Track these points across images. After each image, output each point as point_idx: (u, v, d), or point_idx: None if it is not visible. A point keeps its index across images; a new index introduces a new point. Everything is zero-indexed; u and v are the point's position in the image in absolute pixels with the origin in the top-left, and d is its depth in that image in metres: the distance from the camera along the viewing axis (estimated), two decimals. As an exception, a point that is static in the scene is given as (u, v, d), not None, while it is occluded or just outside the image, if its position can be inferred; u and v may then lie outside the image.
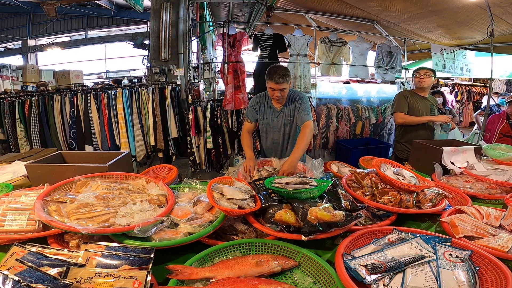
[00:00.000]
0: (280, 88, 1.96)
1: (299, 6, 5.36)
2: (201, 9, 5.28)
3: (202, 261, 0.98)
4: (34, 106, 3.72)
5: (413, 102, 2.64)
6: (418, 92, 2.69)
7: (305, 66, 4.45)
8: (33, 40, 10.19)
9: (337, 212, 1.05)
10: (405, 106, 2.63)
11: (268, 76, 1.98)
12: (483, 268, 0.90)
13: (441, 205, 1.35)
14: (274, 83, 1.95)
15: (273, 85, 1.96)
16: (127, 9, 9.48)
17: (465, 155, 2.04)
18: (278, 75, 1.93)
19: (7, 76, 7.25)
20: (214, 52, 7.48)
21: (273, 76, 1.94)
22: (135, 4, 4.18)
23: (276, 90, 1.98)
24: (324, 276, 0.93)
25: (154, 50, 4.21)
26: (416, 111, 2.63)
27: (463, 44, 5.52)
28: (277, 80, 1.94)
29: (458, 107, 9.63)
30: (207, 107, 3.94)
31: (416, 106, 2.63)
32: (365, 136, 4.70)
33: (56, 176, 1.45)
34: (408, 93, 2.73)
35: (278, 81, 1.94)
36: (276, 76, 1.93)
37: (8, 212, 1.12)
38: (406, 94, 2.71)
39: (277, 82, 1.94)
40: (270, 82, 1.97)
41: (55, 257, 0.81)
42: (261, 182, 1.36)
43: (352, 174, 1.57)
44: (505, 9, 3.95)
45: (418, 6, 4.31)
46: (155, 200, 1.26)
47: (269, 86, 2.00)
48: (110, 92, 3.79)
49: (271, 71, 1.97)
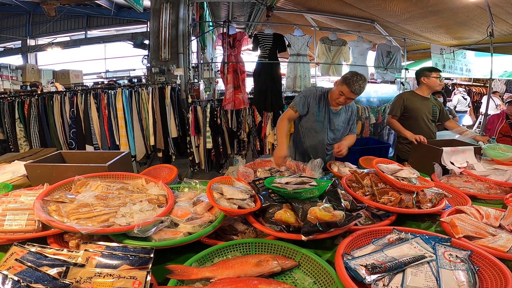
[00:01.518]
0: (352, 98, 1.91)
1: (299, 6, 5.36)
2: (201, 9, 5.28)
3: (202, 261, 0.98)
4: (34, 106, 3.72)
5: (413, 104, 2.60)
6: (421, 93, 2.65)
7: (305, 66, 4.45)
8: (33, 40, 10.18)
9: (337, 212, 1.04)
10: (398, 110, 2.61)
11: (346, 81, 1.87)
12: (483, 268, 0.90)
13: (441, 205, 1.35)
14: (351, 92, 1.86)
15: (348, 93, 1.88)
16: (127, 9, 9.47)
17: (465, 155, 2.04)
18: (358, 85, 1.84)
19: (6, 76, 7.25)
20: (214, 52, 7.48)
21: (353, 85, 1.84)
22: (135, 4, 4.18)
23: (347, 97, 1.91)
24: (324, 276, 0.92)
25: (154, 50, 4.21)
26: (417, 112, 2.60)
27: (463, 44, 5.54)
28: (355, 90, 1.85)
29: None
30: (207, 107, 3.94)
31: (416, 107, 2.60)
32: (365, 136, 4.70)
33: (55, 176, 1.45)
34: (408, 95, 2.69)
35: (356, 92, 1.86)
36: (356, 85, 1.84)
37: (7, 212, 1.11)
38: (406, 96, 2.67)
39: (355, 92, 1.86)
40: (345, 87, 1.87)
41: (55, 257, 0.81)
42: (261, 182, 1.36)
43: (352, 174, 1.57)
44: (505, 9, 3.96)
45: (418, 6, 4.32)
46: (155, 200, 1.25)
47: (341, 90, 1.90)
48: (109, 92, 3.79)
49: (353, 78, 1.86)
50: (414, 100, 2.62)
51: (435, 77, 2.56)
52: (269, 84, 4.14)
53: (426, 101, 2.65)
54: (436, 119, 2.72)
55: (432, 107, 2.65)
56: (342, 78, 1.94)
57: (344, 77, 1.92)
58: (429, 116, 2.65)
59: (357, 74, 1.90)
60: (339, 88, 1.94)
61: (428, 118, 2.65)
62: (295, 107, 2.08)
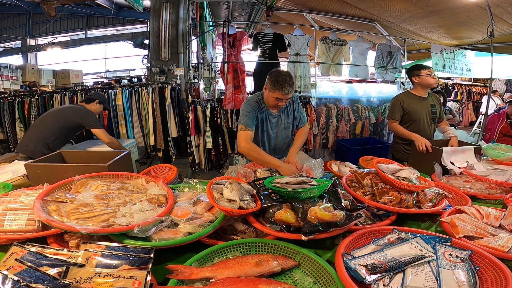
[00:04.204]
0: (288, 97, 1.80)
1: (299, 6, 5.36)
2: (201, 9, 5.28)
3: (202, 261, 0.98)
4: (34, 106, 3.72)
5: (410, 106, 2.50)
6: (418, 93, 2.54)
7: (305, 65, 4.45)
8: (33, 40, 10.18)
9: (337, 212, 1.04)
10: (397, 113, 2.51)
11: (274, 86, 1.76)
12: (483, 268, 0.90)
13: (441, 205, 1.35)
14: (283, 94, 1.75)
15: (282, 95, 1.77)
16: (127, 8, 9.47)
17: (465, 155, 2.04)
18: (288, 85, 1.74)
19: (6, 75, 7.25)
20: (214, 51, 7.48)
21: (283, 86, 1.73)
22: (135, 3, 4.18)
23: (283, 100, 1.81)
24: (324, 276, 0.92)
25: (154, 49, 4.21)
26: (415, 113, 2.50)
27: (463, 44, 5.53)
28: (287, 91, 1.75)
29: (458, 107, 9.63)
30: (207, 106, 3.94)
31: (414, 109, 2.50)
32: (365, 135, 4.71)
33: (55, 175, 1.45)
34: (404, 96, 2.57)
35: (289, 91, 1.76)
36: (286, 86, 1.74)
37: (7, 212, 1.11)
38: (402, 98, 2.55)
39: (288, 93, 1.75)
40: (277, 92, 1.76)
41: (55, 257, 0.81)
42: (261, 182, 1.36)
43: (352, 174, 1.57)
44: (505, 9, 3.96)
45: (418, 6, 4.31)
46: (155, 199, 1.25)
47: (275, 96, 1.79)
48: (110, 92, 3.79)
49: (278, 79, 1.75)
50: (412, 102, 2.52)
51: (426, 74, 2.45)
52: (269, 84, 4.14)
53: (424, 101, 2.54)
54: (436, 119, 2.61)
55: (431, 106, 2.55)
56: (269, 84, 1.80)
57: (270, 83, 1.78)
58: (429, 116, 2.55)
59: (279, 72, 1.79)
60: (271, 95, 1.81)
61: (428, 119, 2.55)
62: (248, 127, 1.86)
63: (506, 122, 3.77)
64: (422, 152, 2.17)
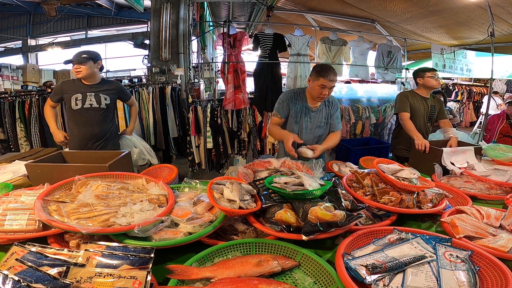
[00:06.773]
0: (332, 86, 1.93)
1: (299, 6, 5.36)
2: (201, 9, 5.29)
3: (202, 261, 0.98)
4: (34, 106, 3.72)
5: (414, 103, 2.63)
6: (421, 93, 2.66)
7: (305, 66, 4.44)
8: (34, 40, 10.20)
9: (337, 212, 1.04)
10: (407, 106, 2.61)
11: (318, 73, 1.92)
12: (484, 268, 0.90)
13: (442, 205, 1.35)
14: (328, 80, 1.89)
15: (326, 82, 1.90)
16: (128, 9, 9.49)
17: (465, 156, 2.04)
18: (331, 72, 1.89)
19: (7, 75, 7.26)
20: (214, 51, 7.49)
21: (327, 74, 1.89)
22: (136, 4, 4.19)
23: (327, 87, 1.93)
24: (324, 276, 0.92)
25: (154, 50, 4.21)
26: (416, 112, 2.61)
27: (463, 44, 5.53)
28: (331, 78, 1.89)
29: (459, 107, 9.63)
30: (207, 106, 3.95)
31: (416, 107, 2.62)
32: (365, 136, 4.70)
33: (56, 175, 1.45)
34: (409, 93, 2.70)
35: (333, 79, 1.89)
36: (330, 73, 1.88)
37: (8, 212, 1.11)
38: (407, 94, 2.68)
39: (332, 80, 1.89)
40: (322, 79, 1.90)
41: (55, 256, 0.81)
42: (262, 182, 1.36)
43: (352, 174, 1.57)
44: (505, 9, 3.95)
45: (418, 6, 4.31)
46: (155, 199, 1.25)
47: (320, 84, 1.92)
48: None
49: (323, 68, 1.93)
50: (414, 99, 2.64)
51: (430, 76, 2.59)
52: (269, 84, 4.14)
53: (426, 101, 2.67)
54: (433, 119, 2.74)
55: (430, 107, 2.67)
56: (314, 74, 1.97)
57: (315, 72, 1.96)
58: (427, 116, 2.67)
59: (322, 64, 2.00)
60: (316, 83, 1.95)
61: (425, 118, 2.67)
62: (278, 113, 2.11)
63: (506, 123, 3.77)
64: (420, 151, 2.20)
